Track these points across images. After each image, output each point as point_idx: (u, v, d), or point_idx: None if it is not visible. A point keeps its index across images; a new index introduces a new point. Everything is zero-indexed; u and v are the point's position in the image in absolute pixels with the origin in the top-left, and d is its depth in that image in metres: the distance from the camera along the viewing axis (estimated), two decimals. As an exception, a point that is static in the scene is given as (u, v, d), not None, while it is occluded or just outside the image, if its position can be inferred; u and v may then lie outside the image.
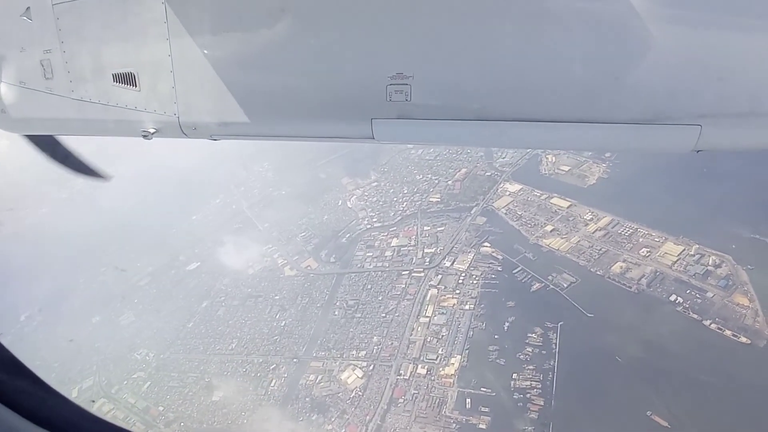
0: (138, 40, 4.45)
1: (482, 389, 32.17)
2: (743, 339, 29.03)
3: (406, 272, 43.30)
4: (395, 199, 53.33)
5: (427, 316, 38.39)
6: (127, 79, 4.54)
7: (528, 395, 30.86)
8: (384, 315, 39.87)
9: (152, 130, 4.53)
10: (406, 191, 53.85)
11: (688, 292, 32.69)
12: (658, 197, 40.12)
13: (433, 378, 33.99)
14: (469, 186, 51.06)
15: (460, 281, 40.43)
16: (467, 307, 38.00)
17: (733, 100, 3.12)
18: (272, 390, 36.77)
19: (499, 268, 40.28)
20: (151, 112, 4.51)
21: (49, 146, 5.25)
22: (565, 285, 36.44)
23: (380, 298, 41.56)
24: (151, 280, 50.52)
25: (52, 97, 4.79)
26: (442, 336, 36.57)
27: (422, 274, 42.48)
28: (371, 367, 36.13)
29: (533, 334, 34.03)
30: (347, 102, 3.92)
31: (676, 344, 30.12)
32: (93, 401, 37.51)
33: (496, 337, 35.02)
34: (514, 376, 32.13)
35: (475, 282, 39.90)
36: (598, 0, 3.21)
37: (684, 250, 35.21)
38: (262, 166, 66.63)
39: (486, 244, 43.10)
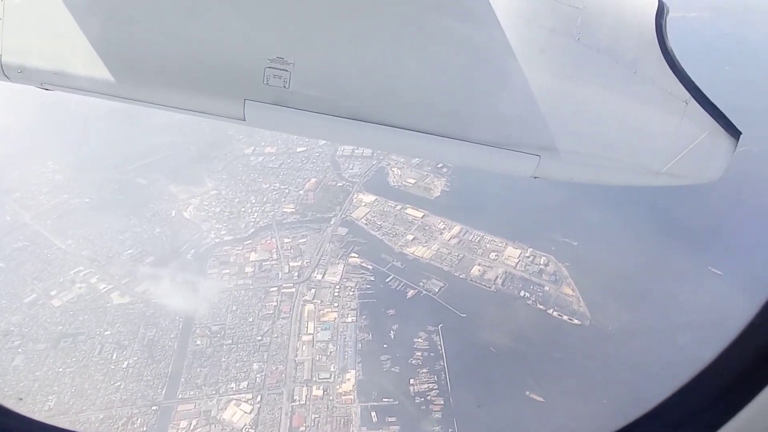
0: None
1: (384, 400, 32.24)
2: (576, 321, 36.98)
3: (275, 288, 40.02)
4: (243, 209, 48.58)
5: (310, 334, 36.30)
6: None
7: (428, 397, 32.37)
8: (260, 338, 35.93)
9: None
10: (254, 200, 49.62)
11: (531, 287, 39.69)
12: (491, 207, 47.51)
13: (331, 398, 32.28)
14: (323, 196, 50.42)
15: (336, 294, 39.59)
16: (350, 319, 37.45)
17: (569, 139, 3.65)
18: (130, 452, 28.92)
19: (372, 278, 41.03)
20: None
21: None
22: (437, 290, 39.62)
23: (251, 320, 37.28)
24: None
25: None
26: (331, 352, 35.14)
27: (293, 290, 39.93)
28: (258, 398, 32.02)
29: (419, 339, 35.88)
30: (220, 76, 3.63)
31: (533, 331, 36.28)
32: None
33: (385, 346, 35.57)
34: (411, 381, 33.27)
35: (351, 293, 39.64)
36: (475, 29, 3.56)
37: (521, 252, 42.62)
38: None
39: (353, 254, 43.32)
